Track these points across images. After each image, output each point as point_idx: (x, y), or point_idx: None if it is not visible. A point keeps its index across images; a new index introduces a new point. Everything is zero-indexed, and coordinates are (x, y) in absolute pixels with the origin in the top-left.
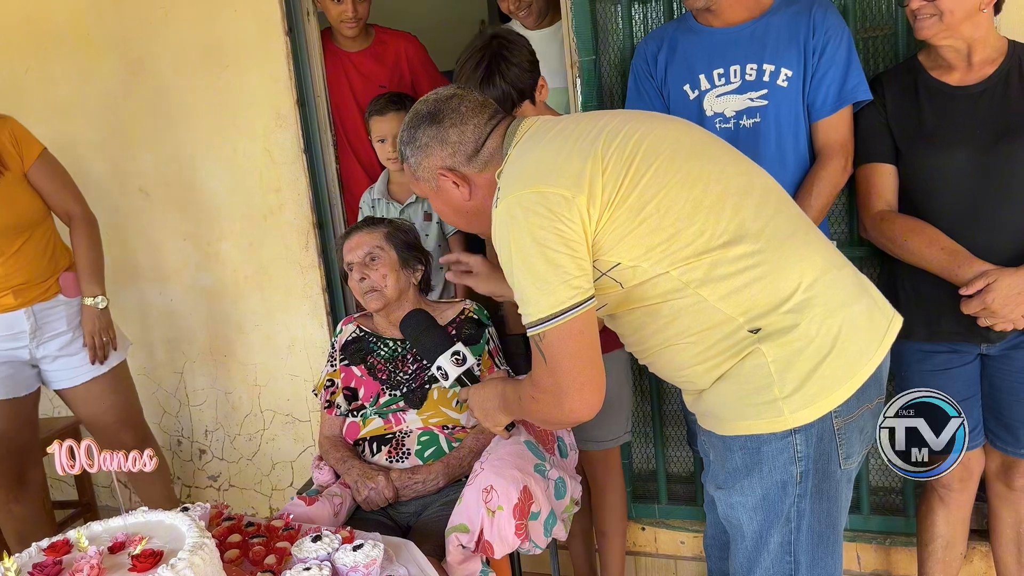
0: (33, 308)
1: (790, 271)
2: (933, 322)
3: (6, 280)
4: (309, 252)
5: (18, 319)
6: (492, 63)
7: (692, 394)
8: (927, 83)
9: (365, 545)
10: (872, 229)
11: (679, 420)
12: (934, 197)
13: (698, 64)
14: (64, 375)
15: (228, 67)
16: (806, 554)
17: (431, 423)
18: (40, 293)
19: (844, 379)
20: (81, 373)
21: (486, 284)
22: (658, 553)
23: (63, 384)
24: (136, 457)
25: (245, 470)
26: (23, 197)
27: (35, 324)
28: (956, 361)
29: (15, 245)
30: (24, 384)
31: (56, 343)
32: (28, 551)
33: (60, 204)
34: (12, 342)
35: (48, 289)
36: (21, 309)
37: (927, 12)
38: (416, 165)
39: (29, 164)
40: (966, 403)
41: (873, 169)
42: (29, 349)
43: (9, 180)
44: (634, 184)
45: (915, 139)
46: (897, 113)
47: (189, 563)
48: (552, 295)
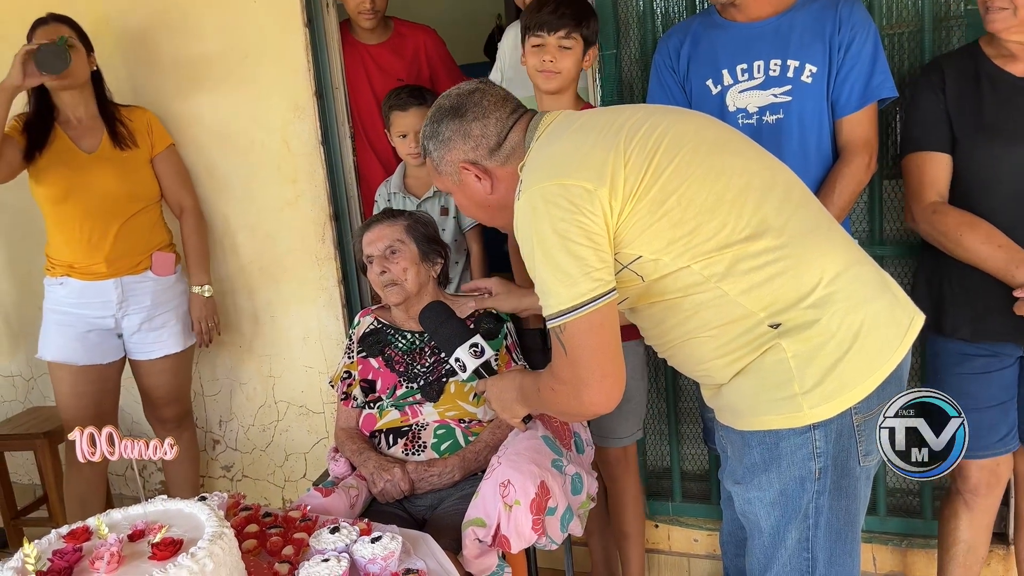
0: (122, 280)
1: (812, 266)
2: (979, 320)
3: (100, 248)
4: (325, 244)
5: (107, 288)
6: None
7: (711, 389)
8: (989, 71)
9: (383, 537)
10: (923, 221)
11: (694, 418)
12: (990, 191)
13: (721, 59)
14: (140, 347)
15: (247, 57)
16: (824, 551)
17: (447, 416)
18: (130, 266)
19: (864, 376)
20: (155, 349)
21: (507, 302)
22: (671, 551)
23: (137, 356)
24: (157, 445)
25: (258, 461)
26: (144, 175)
27: (122, 295)
28: (995, 365)
29: (122, 213)
30: (110, 352)
31: (138, 317)
32: (48, 537)
33: (175, 194)
34: (100, 310)
35: (139, 264)
36: (111, 279)
37: (1000, 4)
38: (439, 159)
39: (157, 152)
40: (1003, 407)
41: (927, 158)
42: (115, 318)
43: (137, 156)
44: (656, 177)
45: (975, 129)
46: (957, 100)
47: (209, 552)
48: (573, 287)
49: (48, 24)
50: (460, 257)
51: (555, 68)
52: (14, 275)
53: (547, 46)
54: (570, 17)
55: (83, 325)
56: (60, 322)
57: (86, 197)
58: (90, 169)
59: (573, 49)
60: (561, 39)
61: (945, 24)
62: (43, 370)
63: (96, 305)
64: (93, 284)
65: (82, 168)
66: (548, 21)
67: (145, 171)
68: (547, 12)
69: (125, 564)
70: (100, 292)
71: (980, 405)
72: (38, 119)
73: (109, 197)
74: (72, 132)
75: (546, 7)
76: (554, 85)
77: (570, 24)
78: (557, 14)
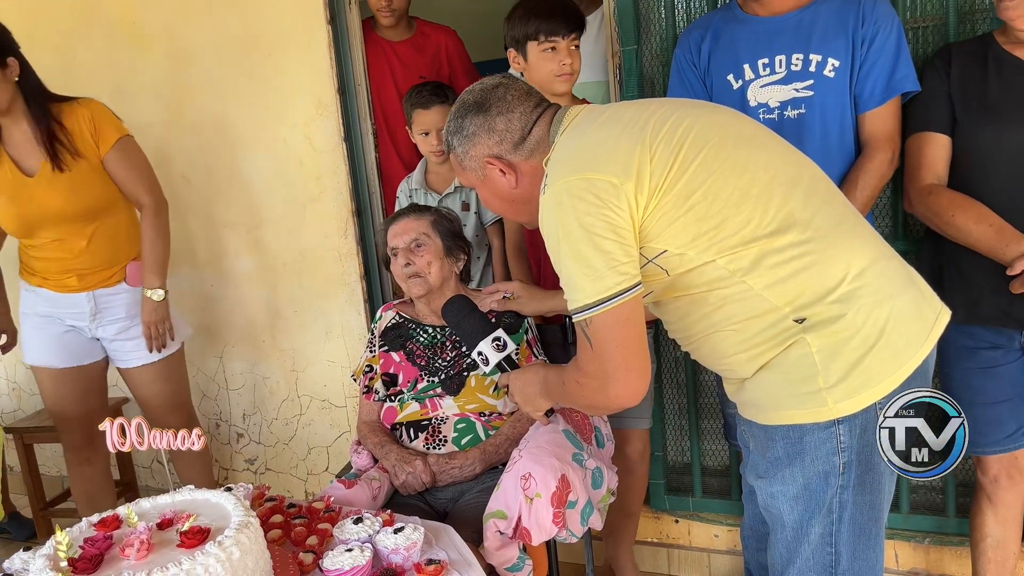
0: (94, 293)
1: (838, 261)
2: (973, 304)
3: (71, 263)
4: (348, 240)
5: (79, 301)
6: None
7: (734, 383)
8: (998, 54)
9: (406, 528)
10: (918, 203)
11: (715, 413)
12: (990, 174)
13: (743, 54)
14: (121, 356)
15: (270, 55)
16: (847, 546)
17: (468, 410)
18: (103, 279)
19: (890, 371)
20: (135, 357)
21: (529, 305)
22: (692, 546)
23: (120, 364)
24: (185, 436)
25: (281, 454)
26: (95, 184)
27: (95, 308)
28: (1001, 359)
29: (84, 231)
30: (88, 353)
31: (114, 327)
32: (79, 526)
33: (131, 192)
34: (75, 320)
35: (112, 276)
36: (82, 293)
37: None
38: (463, 155)
39: (104, 152)
40: (1011, 403)
41: (926, 139)
42: (89, 328)
43: (82, 168)
44: (682, 171)
45: (977, 111)
46: (962, 81)
47: (236, 541)
48: (599, 281)
49: None
50: (481, 253)
51: (571, 69)
52: None
53: (560, 50)
54: (575, 18)
55: (59, 327)
56: (36, 326)
57: (42, 223)
58: (37, 194)
59: (578, 47)
60: (573, 41)
61: (970, 17)
62: None
63: (70, 315)
64: (66, 296)
65: (30, 196)
66: (561, 26)
67: (95, 181)
68: (558, 18)
69: (154, 552)
70: (73, 303)
71: (987, 400)
72: None
73: (65, 219)
74: (14, 152)
75: (555, 13)
76: (569, 85)
77: (577, 25)
78: (566, 17)
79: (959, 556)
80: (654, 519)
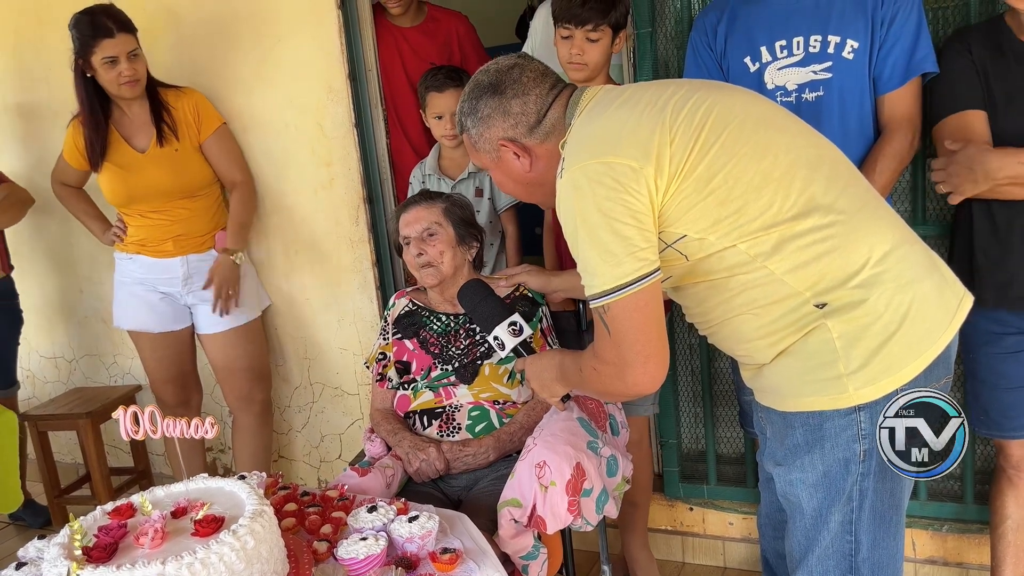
0: (188, 258)
1: (860, 245)
2: (1001, 288)
3: (168, 230)
4: (359, 227)
5: (174, 265)
6: None
7: (751, 369)
8: (1013, 46)
9: (420, 516)
10: None
11: (730, 400)
12: None
13: (759, 36)
14: (205, 321)
15: (281, 40)
16: (868, 534)
17: (482, 398)
18: (196, 245)
19: (912, 357)
20: (220, 323)
21: (536, 279)
22: (706, 534)
23: (203, 329)
24: (198, 424)
25: (294, 441)
26: (193, 166)
27: (187, 272)
28: None
29: (181, 205)
30: (179, 319)
31: (204, 292)
32: (93, 514)
33: (226, 174)
34: (168, 285)
35: (204, 243)
36: (177, 257)
37: None
38: (477, 136)
39: (205, 137)
40: None
41: (966, 117)
42: (181, 293)
43: (183, 150)
44: (703, 155)
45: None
46: (983, 66)
47: (250, 529)
48: (618, 267)
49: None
50: (495, 239)
51: (583, 60)
52: (53, 259)
53: (575, 39)
54: (597, 10)
55: (154, 295)
56: (132, 293)
57: (147, 195)
58: (145, 169)
59: (600, 40)
60: (588, 32)
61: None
62: (85, 351)
63: (164, 280)
64: (162, 261)
65: (139, 169)
66: (576, 15)
67: (195, 162)
68: (576, 5)
69: (169, 540)
70: (167, 268)
71: (1012, 385)
72: (94, 124)
73: (166, 193)
74: (125, 130)
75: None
76: (583, 76)
77: (597, 17)
78: (585, 7)
79: (978, 544)
80: (668, 507)
